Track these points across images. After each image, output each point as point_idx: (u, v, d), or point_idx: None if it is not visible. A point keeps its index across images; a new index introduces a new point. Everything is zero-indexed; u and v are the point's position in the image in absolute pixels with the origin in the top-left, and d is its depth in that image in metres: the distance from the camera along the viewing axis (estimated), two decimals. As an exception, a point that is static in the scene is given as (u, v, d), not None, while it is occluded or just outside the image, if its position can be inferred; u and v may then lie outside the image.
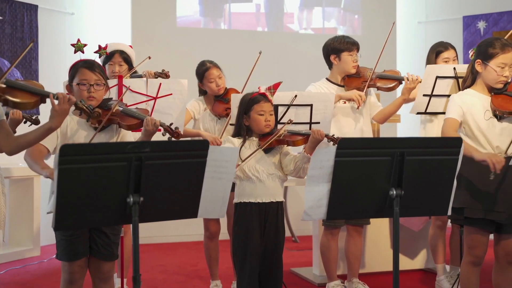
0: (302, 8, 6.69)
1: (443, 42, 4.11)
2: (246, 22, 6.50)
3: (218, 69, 3.93)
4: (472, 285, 3.09)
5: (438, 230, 4.12)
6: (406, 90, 3.68)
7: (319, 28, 6.72)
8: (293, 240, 5.98)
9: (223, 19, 6.43)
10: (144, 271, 4.64)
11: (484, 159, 2.80)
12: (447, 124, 3.01)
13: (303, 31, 6.68)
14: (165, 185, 2.11)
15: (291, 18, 6.66)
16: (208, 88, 3.93)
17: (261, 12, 6.57)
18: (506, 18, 6.67)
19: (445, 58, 4.00)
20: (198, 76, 3.96)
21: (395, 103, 3.79)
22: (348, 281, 3.98)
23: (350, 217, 3.57)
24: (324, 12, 6.74)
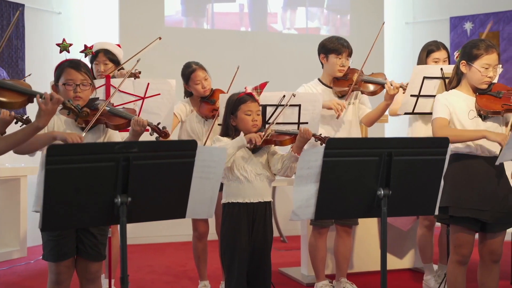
0: (285, 8, 6.68)
1: (437, 41, 4.08)
2: (229, 22, 6.47)
3: (204, 70, 3.93)
4: (458, 283, 3.11)
5: (426, 230, 4.14)
6: (388, 96, 3.68)
7: (303, 28, 6.73)
8: (281, 240, 5.98)
9: (206, 19, 6.40)
10: (132, 271, 4.62)
11: (497, 140, 2.85)
12: (437, 124, 3.02)
13: (287, 31, 6.68)
14: (153, 185, 2.10)
15: (274, 18, 6.65)
16: (194, 90, 3.93)
17: (245, 12, 6.55)
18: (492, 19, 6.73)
19: (435, 58, 3.99)
20: (183, 78, 3.96)
21: (379, 108, 3.80)
22: (337, 281, 4.00)
23: (338, 217, 3.58)
24: (307, 12, 6.74)
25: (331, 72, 3.85)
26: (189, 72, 3.91)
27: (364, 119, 3.90)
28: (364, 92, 3.83)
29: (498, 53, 3.03)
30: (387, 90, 3.65)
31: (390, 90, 3.64)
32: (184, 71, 3.96)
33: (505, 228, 3.11)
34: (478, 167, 3.00)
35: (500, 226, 3.07)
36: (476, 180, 3.00)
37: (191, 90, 3.95)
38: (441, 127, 2.99)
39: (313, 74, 4.81)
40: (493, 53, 3.00)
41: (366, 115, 3.88)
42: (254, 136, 3.00)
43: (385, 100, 3.72)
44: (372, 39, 3.89)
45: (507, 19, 6.66)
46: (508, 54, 6.65)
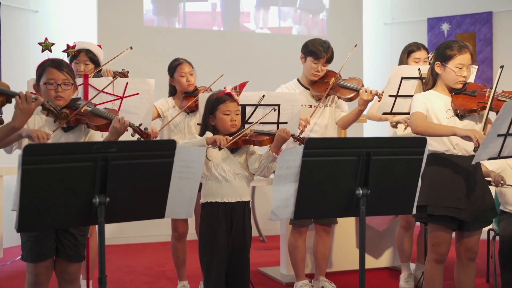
0: (258, 8, 6.67)
1: (417, 42, 4.18)
2: (201, 21, 6.42)
3: (190, 66, 3.93)
4: (435, 282, 3.15)
5: (404, 230, 4.19)
6: (362, 101, 3.70)
7: (275, 27, 6.73)
8: (260, 240, 5.99)
9: (178, 18, 6.35)
10: (110, 272, 4.58)
11: (468, 135, 2.86)
12: (415, 117, 3.05)
13: (260, 31, 6.67)
14: (131, 186, 2.09)
15: (247, 18, 6.63)
16: (178, 84, 3.90)
17: (217, 11, 6.52)
18: (468, 21, 6.82)
19: (416, 58, 4.07)
20: (169, 71, 3.94)
21: (353, 113, 3.82)
22: (315, 280, 4.01)
23: (317, 217, 3.60)
24: (280, 11, 6.75)
25: (306, 74, 3.88)
26: (175, 64, 3.91)
27: (340, 122, 3.94)
28: (341, 98, 3.85)
29: (471, 53, 3.07)
30: (361, 95, 3.67)
31: (363, 95, 3.65)
32: (171, 65, 3.95)
33: (481, 227, 3.16)
34: (455, 166, 3.04)
35: (477, 224, 3.11)
36: (453, 179, 3.03)
37: (175, 84, 3.93)
38: (418, 119, 3.03)
39: (286, 73, 4.82)
40: (466, 53, 3.04)
41: (341, 118, 3.91)
42: (220, 138, 2.96)
43: (359, 106, 3.74)
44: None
45: (483, 20, 6.76)
46: (484, 55, 6.75)
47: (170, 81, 3.97)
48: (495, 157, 2.87)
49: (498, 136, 2.79)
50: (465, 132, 2.88)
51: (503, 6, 6.72)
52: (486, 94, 3.05)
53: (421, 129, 2.99)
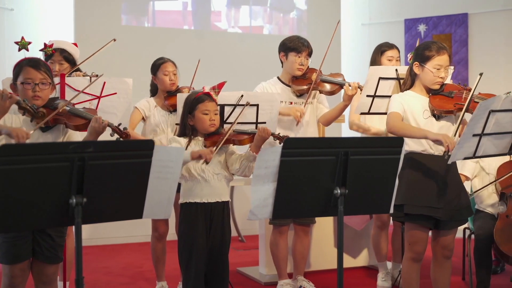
0: (229, 7, 6.65)
1: (388, 42, 4.25)
2: (171, 20, 6.36)
3: (174, 65, 3.92)
4: (412, 280, 3.18)
5: (379, 229, 4.24)
6: (347, 97, 3.73)
7: (247, 26, 6.72)
8: (239, 240, 5.99)
9: (147, 17, 6.27)
10: (88, 273, 4.54)
11: (439, 139, 2.89)
12: (391, 117, 3.09)
13: (232, 30, 6.65)
14: (109, 186, 2.07)
15: (218, 17, 6.60)
16: (160, 82, 3.88)
17: (188, 10, 6.47)
18: (445, 22, 6.90)
19: (389, 56, 4.13)
20: (153, 69, 3.92)
21: (337, 109, 3.84)
22: (294, 279, 4.02)
23: (296, 216, 3.60)
24: (251, 10, 6.74)
25: (290, 71, 3.87)
26: (159, 63, 3.89)
27: (322, 119, 3.94)
28: (323, 91, 3.86)
29: (449, 54, 3.11)
30: (345, 90, 3.70)
31: (348, 90, 3.68)
32: (154, 63, 3.93)
33: (457, 225, 3.20)
34: (432, 165, 3.08)
35: (453, 223, 3.15)
36: (429, 179, 3.07)
37: (158, 83, 3.90)
38: (394, 119, 3.06)
39: (258, 72, 4.83)
40: (444, 54, 3.08)
41: (323, 115, 3.91)
42: (206, 152, 2.95)
43: (343, 101, 3.77)
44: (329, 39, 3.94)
45: (459, 21, 6.85)
46: (460, 55, 6.84)
47: (153, 79, 3.95)
48: (470, 157, 2.91)
49: (473, 136, 2.83)
50: (436, 136, 2.91)
51: (479, 7, 6.82)
52: (463, 96, 3.09)
53: (395, 129, 3.03)
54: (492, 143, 2.91)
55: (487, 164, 4.01)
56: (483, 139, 2.86)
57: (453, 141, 2.86)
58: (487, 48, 6.74)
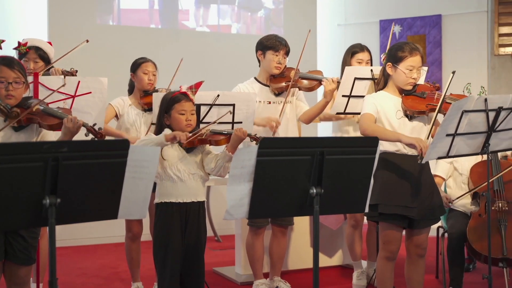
0: (198, 5, 6.61)
1: (360, 44, 4.25)
2: (138, 19, 6.27)
3: (154, 66, 3.90)
4: (386, 279, 3.22)
5: (353, 229, 4.27)
6: (327, 92, 3.75)
7: (215, 25, 6.69)
8: (215, 240, 5.98)
9: (112, 16, 6.17)
10: (62, 274, 4.49)
11: (412, 143, 2.92)
12: (364, 118, 3.11)
13: (200, 29, 6.61)
14: (83, 186, 2.05)
15: (186, 15, 6.56)
16: (139, 81, 3.85)
17: (155, 9, 6.40)
18: (419, 23, 6.99)
19: (359, 59, 4.13)
20: (133, 66, 3.90)
21: (318, 105, 3.84)
22: (270, 280, 4.03)
23: (272, 216, 3.61)
24: (219, 9, 6.72)
25: (268, 69, 3.87)
26: (140, 61, 3.88)
27: (303, 116, 3.93)
28: (301, 88, 3.87)
29: (421, 55, 3.15)
30: (325, 85, 3.70)
31: (327, 85, 3.69)
32: (135, 61, 3.91)
33: (430, 224, 3.24)
34: (405, 165, 3.11)
35: (426, 222, 3.19)
36: (403, 178, 3.10)
37: (136, 81, 3.88)
38: (367, 121, 3.09)
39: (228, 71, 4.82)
40: (417, 55, 3.12)
41: (304, 112, 3.91)
42: (179, 134, 2.94)
43: (324, 97, 3.76)
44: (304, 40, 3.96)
45: (433, 23, 6.94)
46: (434, 56, 6.93)
47: (131, 77, 3.92)
48: (443, 156, 2.95)
49: (446, 136, 2.87)
50: (409, 140, 2.95)
51: (452, 9, 6.92)
52: (435, 96, 3.13)
53: (368, 131, 3.05)
54: (465, 143, 2.95)
55: (460, 165, 4.07)
56: (456, 139, 2.90)
57: (426, 144, 2.90)
58: (460, 49, 6.84)
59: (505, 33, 6.77)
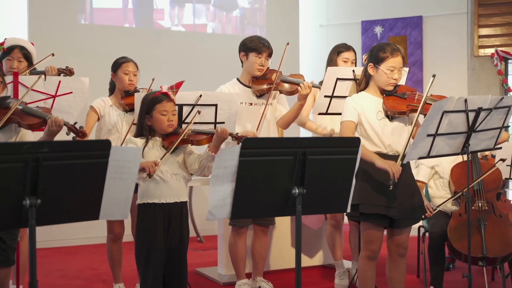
0: (173, 5, 6.57)
1: (345, 43, 4.30)
2: (111, 18, 6.19)
3: (135, 66, 3.87)
4: (368, 278, 3.24)
5: (333, 228, 4.30)
6: (301, 96, 3.75)
7: (190, 24, 6.66)
8: (198, 240, 5.96)
9: (84, 15, 6.10)
10: (42, 276, 4.44)
11: (385, 168, 2.97)
12: (344, 127, 3.14)
13: (175, 28, 6.57)
14: (64, 187, 2.03)
15: (161, 15, 6.51)
16: (119, 80, 3.82)
17: (129, 8, 6.34)
18: (400, 24, 7.04)
19: (345, 58, 4.18)
20: (113, 66, 3.85)
21: (293, 110, 3.86)
22: (253, 280, 4.03)
23: (254, 216, 3.61)
24: (194, 8, 6.69)
25: (250, 71, 3.87)
26: (121, 61, 3.84)
27: (280, 121, 3.94)
28: (282, 91, 3.88)
29: (402, 56, 3.17)
30: (300, 89, 3.72)
31: (302, 90, 3.71)
32: (116, 61, 3.87)
33: (411, 224, 3.26)
34: (386, 165, 3.13)
35: (407, 222, 3.21)
36: (384, 178, 3.12)
37: (116, 81, 3.84)
38: (347, 130, 3.12)
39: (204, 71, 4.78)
40: (398, 56, 3.14)
41: (281, 118, 3.92)
42: (149, 165, 2.91)
43: (298, 101, 3.78)
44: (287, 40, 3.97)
45: (414, 24, 7.00)
46: (415, 57, 6.99)
47: (112, 77, 3.89)
48: (424, 156, 2.97)
49: (427, 136, 2.89)
50: (382, 164, 2.99)
51: (433, 11, 6.99)
52: (416, 97, 3.16)
53: None
54: (445, 143, 2.98)
55: (442, 169, 4.10)
56: (437, 139, 2.93)
57: (399, 169, 2.94)
58: (441, 50, 6.92)
59: (484, 35, 6.85)
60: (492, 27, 6.84)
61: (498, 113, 3.03)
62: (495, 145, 3.20)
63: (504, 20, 6.79)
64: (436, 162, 4.03)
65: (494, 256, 3.68)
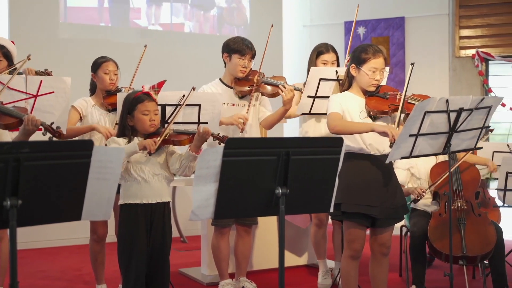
0: (150, 4, 6.53)
1: (326, 44, 4.22)
2: (86, 17, 6.13)
3: (116, 66, 3.84)
4: (351, 277, 3.25)
5: (317, 228, 4.31)
6: (285, 101, 3.75)
7: (167, 24, 6.62)
8: (181, 241, 5.95)
9: (59, 14, 6.01)
10: (23, 278, 4.40)
11: (384, 131, 2.96)
12: (331, 117, 3.14)
13: (152, 27, 6.53)
14: (45, 187, 2.01)
15: (138, 14, 6.47)
16: (100, 80, 3.79)
17: (105, 7, 6.28)
18: (383, 25, 7.09)
19: (324, 60, 4.11)
20: (93, 66, 3.83)
21: (277, 113, 3.86)
22: (236, 280, 4.03)
23: (238, 216, 3.62)
24: (172, 7, 6.66)
25: (233, 72, 3.87)
26: (101, 61, 3.81)
27: (263, 122, 3.95)
28: (264, 93, 3.88)
29: (384, 57, 3.20)
30: (283, 95, 3.72)
31: (285, 95, 3.71)
32: (95, 61, 3.84)
33: (393, 223, 3.29)
34: (368, 165, 3.15)
35: (389, 221, 3.24)
36: (366, 178, 3.14)
37: (97, 81, 3.81)
38: (335, 119, 3.12)
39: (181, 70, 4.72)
40: (380, 57, 3.17)
41: (265, 119, 3.93)
42: (149, 143, 2.94)
43: (283, 105, 3.79)
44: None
45: (396, 25, 7.05)
46: (398, 58, 7.04)
47: (92, 77, 3.86)
48: (407, 156, 2.99)
49: (410, 136, 2.91)
50: (382, 128, 2.99)
51: (415, 12, 7.05)
52: (397, 97, 3.18)
53: (339, 128, 3.07)
54: (427, 143, 3.01)
55: (417, 170, 4.13)
56: (419, 139, 2.95)
57: (398, 132, 2.94)
58: (423, 51, 6.97)
59: (465, 36, 6.93)
60: (473, 29, 6.91)
61: (479, 113, 3.06)
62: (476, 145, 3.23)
63: (485, 21, 6.87)
64: (411, 164, 4.06)
65: (474, 255, 3.72)
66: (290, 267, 4.68)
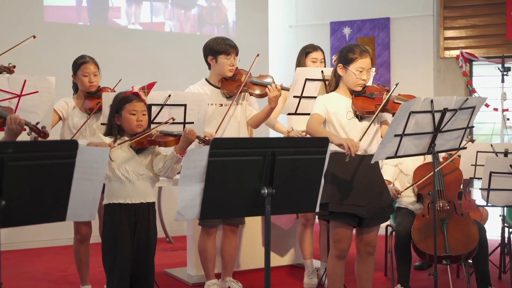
0: (130, 2, 6.44)
1: (313, 44, 4.32)
2: (63, 16, 6.02)
3: (96, 66, 3.80)
4: (337, 277, 3.26)
5: (304, 227, 4.32)
6: (271, 99, 3.77)
7: (148, 23, 6.55)
8: (167, 241, 5.93)
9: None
10: (7, 279, 4.36)
11: (341, 143, 2.97)
12: (311, 118, 3.18)
13: (132, 26, 6.44)
14: (30, 188, 2.00)
15: (117, 13, 6.37)
16: (80, 82, 3.77)
17: (83, 6, 6.18)
18: (368, 25, 7.12)
19: (313, 58, 4.20)
20: (73, 67, 3.79)
21: (263, 111, 3.86)
22: (222, 280, 4.03)
23: (224, 216, 3.61)
24: (152, 6, 6.59)
25: (221, 73, 3.86)
26: (80, 62, 3.77)
27: (250, 121, 3.96)
28: (252, 94, 3.89)
29: (371, 57, 3.22)
30: (268, 92, 3.73)
31: (271, 92, 3.72)
32: (75, 61, 3.80)
33: (379, 223, 3.31)
34: (355, 165, 3.16)
35: (375, 220, 3.25)
36: (353, 178, 3.15)
37: (77, 82, 3.79)
38: (313, 121, 3.15)
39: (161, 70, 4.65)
40: (367, 57, 3.19)
41: (252, 117, 3.93)
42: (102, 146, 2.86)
43: (268, 104, 3.80)
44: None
45: (382, 25, 7.08)
46: (383, 58, 7.07)
47: (73, 79, 3.83)
48: (392, 156, 3.01)
49: (395, 136, 2.93)
50: (339, 140, 2.99)
51: (400, 12, 7.09)
52: (383, 97, 3.20)
53: (309, 130, 3.16)
54: (412, 143, 3.03)
55: (405, 167, 4.18)
56: (404, 139, 2.97)
57: (356, 145, 2.95)
58: (408, 51, 7.02)
59: (450, 37, 6.98)
60: (457, 29, 6.97)
61: (463, 113, 3.08)
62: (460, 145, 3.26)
63: (469, 22, 6.93)
64: (399, 160, 4.10)
65: (458, 254, 3.75)
66: (276, 267, 4.68)
